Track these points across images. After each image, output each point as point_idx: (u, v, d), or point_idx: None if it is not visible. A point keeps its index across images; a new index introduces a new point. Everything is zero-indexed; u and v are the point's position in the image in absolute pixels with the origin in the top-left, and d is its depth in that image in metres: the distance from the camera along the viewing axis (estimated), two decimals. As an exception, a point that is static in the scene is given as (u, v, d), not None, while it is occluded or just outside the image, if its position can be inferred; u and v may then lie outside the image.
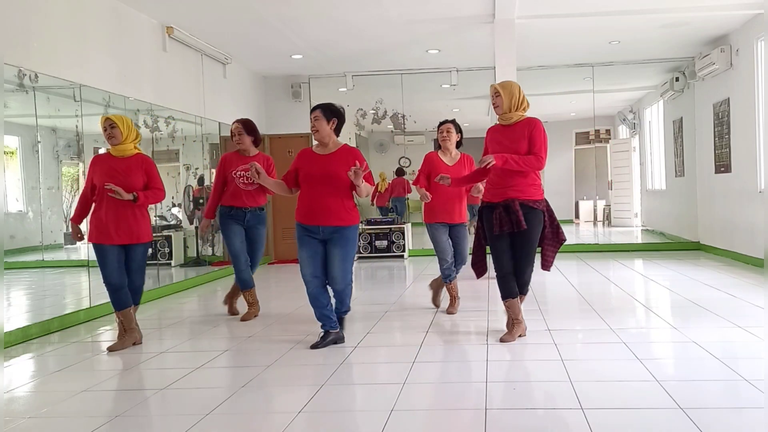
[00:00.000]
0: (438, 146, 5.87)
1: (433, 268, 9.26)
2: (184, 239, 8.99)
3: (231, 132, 5.82)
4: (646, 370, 3.80)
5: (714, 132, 9.55)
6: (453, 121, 5.77)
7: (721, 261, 8.92)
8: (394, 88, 11.07)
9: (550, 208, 4.57)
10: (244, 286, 5.82)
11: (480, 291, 6.81)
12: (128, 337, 4.85)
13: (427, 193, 5.54)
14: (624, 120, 14.07)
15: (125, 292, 4.83)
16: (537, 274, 8.34)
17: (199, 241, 9.22)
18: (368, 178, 4.55)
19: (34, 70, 5.56)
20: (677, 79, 10.68)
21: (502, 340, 4.62)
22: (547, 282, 7.77)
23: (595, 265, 8.89)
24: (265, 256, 10.70)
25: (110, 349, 4.78)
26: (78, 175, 7.52)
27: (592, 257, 9.91)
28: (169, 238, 8.57)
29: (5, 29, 5.15)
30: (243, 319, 5.78)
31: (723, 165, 9.29)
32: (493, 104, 4.56)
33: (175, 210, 8.85)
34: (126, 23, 6.99)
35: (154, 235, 8.49)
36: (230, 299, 6.09)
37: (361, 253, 10.71)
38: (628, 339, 4.53)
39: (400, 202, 12.15)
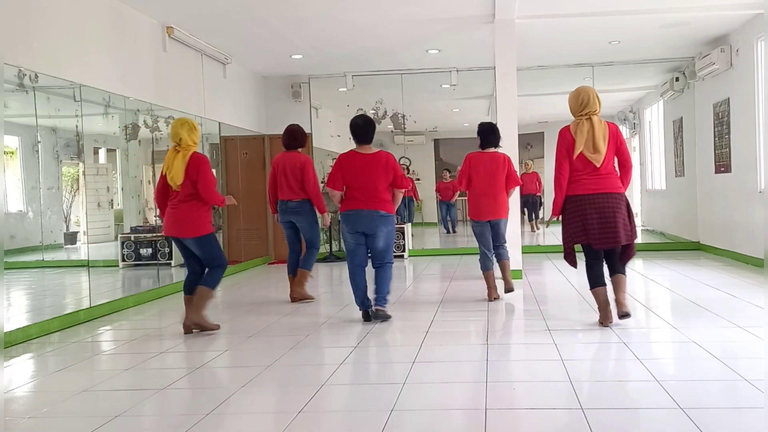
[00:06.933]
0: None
1: (432, 268, 9.27)
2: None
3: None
4: (646, 370, 3.80)
5: (714, 132, 9.55)
6: None
7: (721, 261, 8.92)
8: (394, 88, 11.06)
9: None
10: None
11: (480, 290, 6.80)
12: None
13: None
14: (624, 120, 14.06)
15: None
16: (536, 274, 8.40)
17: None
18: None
19: (34, 70, 5.56)
20: (677, 79, 10.67)
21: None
22: (547, 282, 7.78)
23: (595, 265, 8.86)
24: (265, 256, 10.70)
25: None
26: (78, 175, 7.53)
27: (592, 257, 9.87)
28: (168, 238, 8.56)
29: (5, 29, 5.15)
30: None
31: (723, 165, 9.29)
32: None
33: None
34: (126, 23, 6.99)
35: (153, 235, 8.54)
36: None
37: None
38: (628, 339, 4.53)
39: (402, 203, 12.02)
